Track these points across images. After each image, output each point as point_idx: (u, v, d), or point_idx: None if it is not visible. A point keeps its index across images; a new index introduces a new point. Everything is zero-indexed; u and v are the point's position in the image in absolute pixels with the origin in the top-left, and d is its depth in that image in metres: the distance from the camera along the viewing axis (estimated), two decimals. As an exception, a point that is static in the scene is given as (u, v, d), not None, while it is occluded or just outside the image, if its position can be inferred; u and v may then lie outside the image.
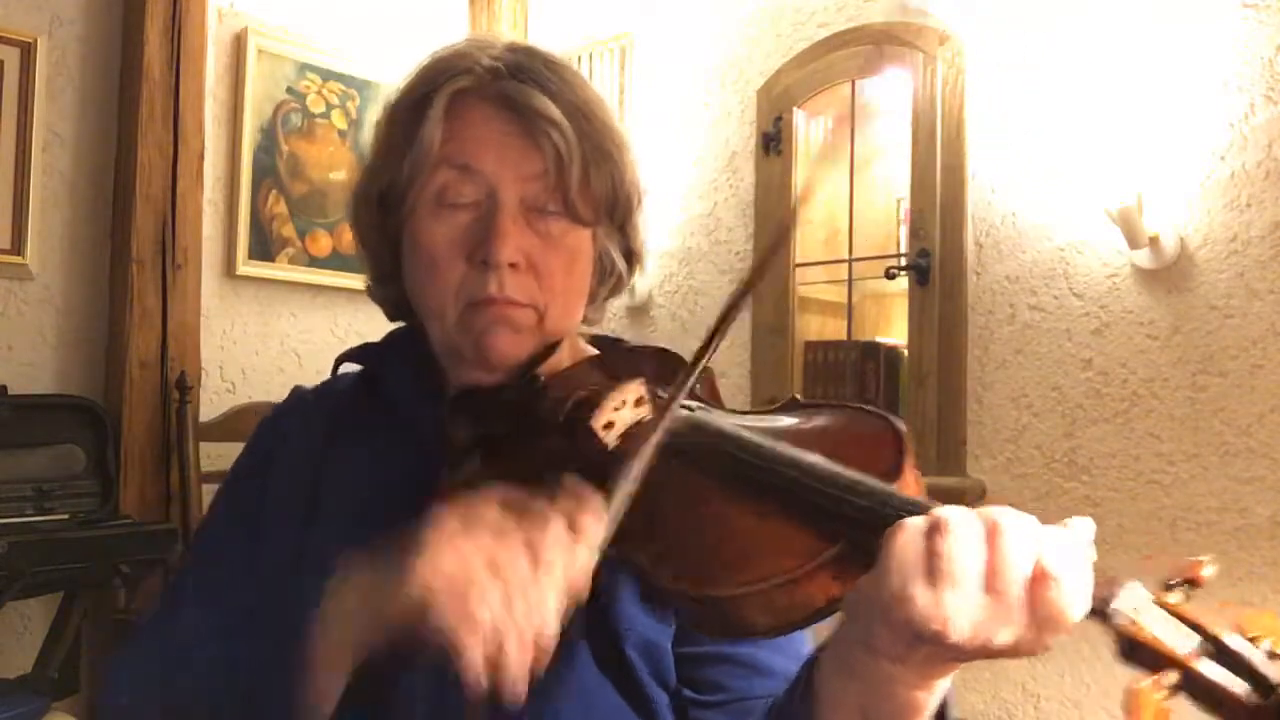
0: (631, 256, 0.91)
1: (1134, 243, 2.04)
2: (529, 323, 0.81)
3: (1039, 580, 0.50)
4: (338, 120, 2.88)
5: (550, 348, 0.84)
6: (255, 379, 2.73)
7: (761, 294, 2.72)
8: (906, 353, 2.50)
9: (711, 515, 0.62)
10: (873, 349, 2.62)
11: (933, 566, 0.50)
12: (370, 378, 0.92)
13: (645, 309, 2.99)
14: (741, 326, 2.76)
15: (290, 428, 0.91)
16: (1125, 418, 2.10)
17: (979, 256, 2.34)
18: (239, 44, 2.69)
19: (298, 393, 0.96)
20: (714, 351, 0.68)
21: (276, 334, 2.79)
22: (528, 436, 0.76)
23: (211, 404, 2.59)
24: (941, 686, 0.57)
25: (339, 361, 0.93)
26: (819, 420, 0.70)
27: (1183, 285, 2.05)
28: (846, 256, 2.65)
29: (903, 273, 2.43)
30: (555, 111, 0.80)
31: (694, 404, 0.74)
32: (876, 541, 0.53)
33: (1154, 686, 0.49)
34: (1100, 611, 0.52)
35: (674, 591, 0.59)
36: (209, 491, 2.40)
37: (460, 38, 0.92)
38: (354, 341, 3.27)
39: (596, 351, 0.90)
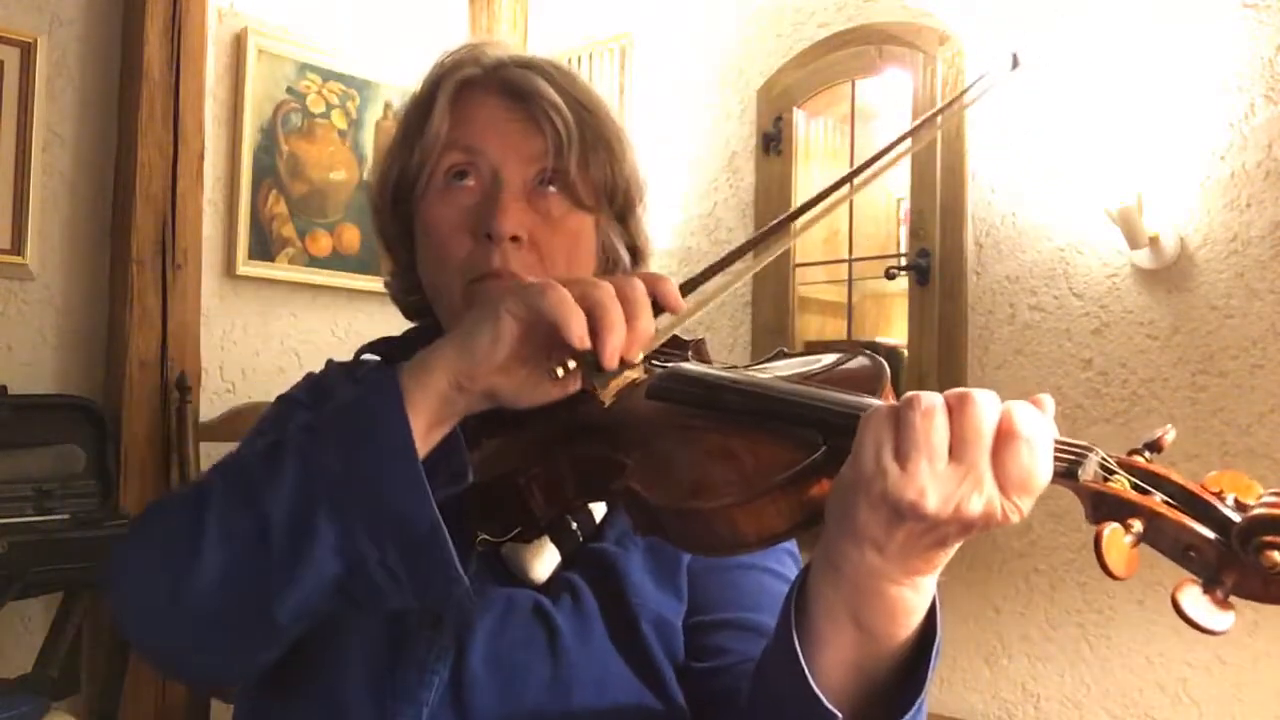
0: (636, 252, 0.94)
1: (1134, 243, 2.04)
2: None
3: (1004, 440, 0.52)
4: (338, 120, 2.87)
5: None
6: (255, 379, 2.73)
7: (761, 294, 2.72)
8: (906, 353, 2.50)
9: (698, 441, 0.66)
10: (873, 349, 2.62)
11: (902, 439, 0.52)
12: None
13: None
14: (742, 326, 2.76)
15: (303, 400, 0.94)
16: (1125, 418, 2.10)
17: (979, 256, 2.34)
18: (239, 44, 2.69)
19: (309, 376, 0.99)
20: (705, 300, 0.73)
21: (276, 334, 2.78)
22: (521, 415, 0.79)
23: (211, 404, 2.59)
24: (927, 589, 0.58)
25: (360, 353, 0.96)
26: (806, 363, 0.75)
27: (1183, 285, 2.05)
28: (846, 256, 2.65)
29: (903, 273, 2.43)
30: (556, 97, 0.85)
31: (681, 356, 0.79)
32: (853, 443, 0.55)
33: (1123, 530, 0.50)
34: (1069, 473, 0.53)
35: (665, 509, 0.61)
36: (209, 491, 2.39)
37: (463, 37, 0.95)
38: (354, 341, 3.28)
39: None
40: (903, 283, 2.47)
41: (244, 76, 2.68)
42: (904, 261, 2.45)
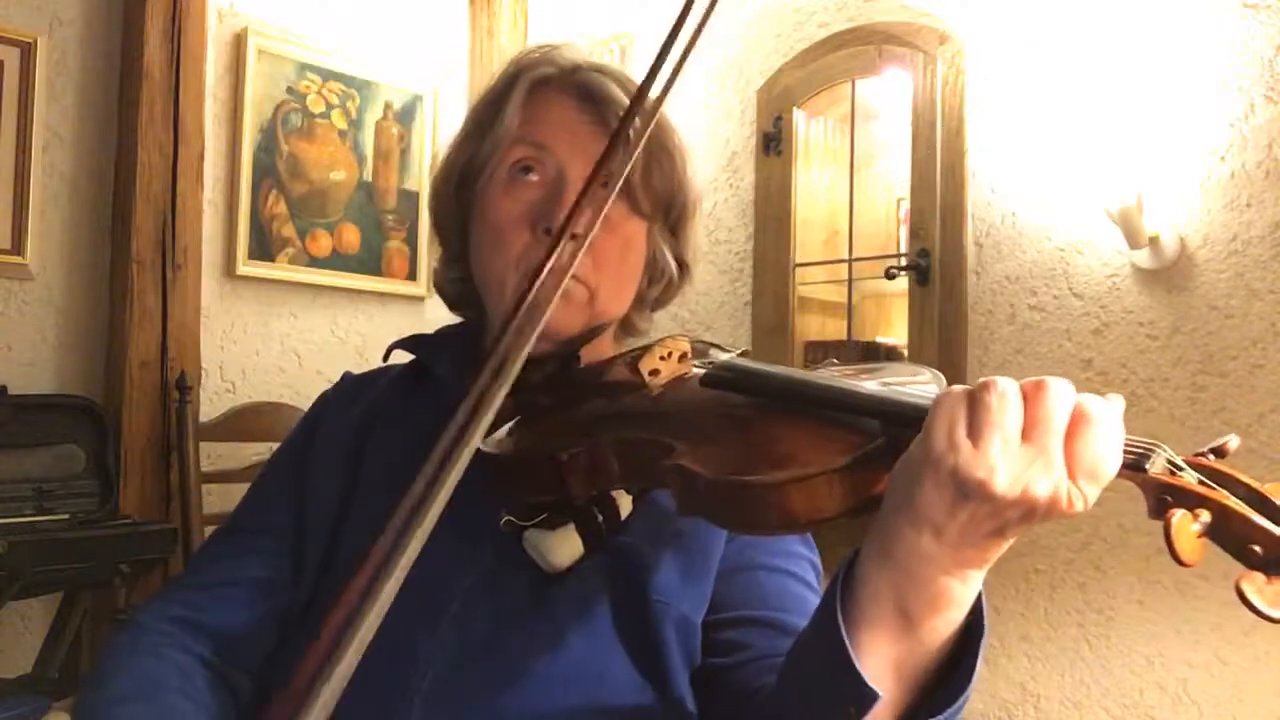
0: (682, 265, 0.97)
1: (1134, 243, 2.04)
2: (582, 298, 0.86)
3: (1078, 424, 0.53)
4: (338, 120, 2.87)
5: (596, 329, 0.89)
6: (255, 379, 2.73)
7: (762, 294, 2.72)
8: (906, 353, 2.50)
9: (754, 423, 0.67)
10: (873, 349, 2.62)
11: (976, 416, 0.52)
12: (419, 368, 0.95)
13: (645, 309, 2.99)
14: (742, 327, 2.76)
15: (333, 406, 0.97)
16: (1125, 417, 2.10)
17: (979, 256, 2.34)
18: (239, 44, 2.69)
19: (346, 377, 1.02)
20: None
21: (276, 334, 2.78)
22: (564, 406, 0.80)
23: (211, 404, 2.59)
24: (975, 584, 0.58)
25: (390, 349, 0.97)
26: (860, 369, 0.75)
27: (1183, 285, 2.05)
28: (846, 256, 2.65)
29: (903, 273, 2.43)
30: (627, 103, 0.86)
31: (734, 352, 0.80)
32: (924, 423, 0.55)
33: (1191, 518, 0.51)
34: (1138, 465, 0.55)
35: (717, 484, 0.61)
36: (209, 491, 2.40)
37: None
38: (355, 341, 3.29)
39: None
40: (903, 283, 2.46)
41: (244, 76, 2.68)
42: (904, 261, 2.45)
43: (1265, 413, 1.93)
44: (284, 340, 2.80)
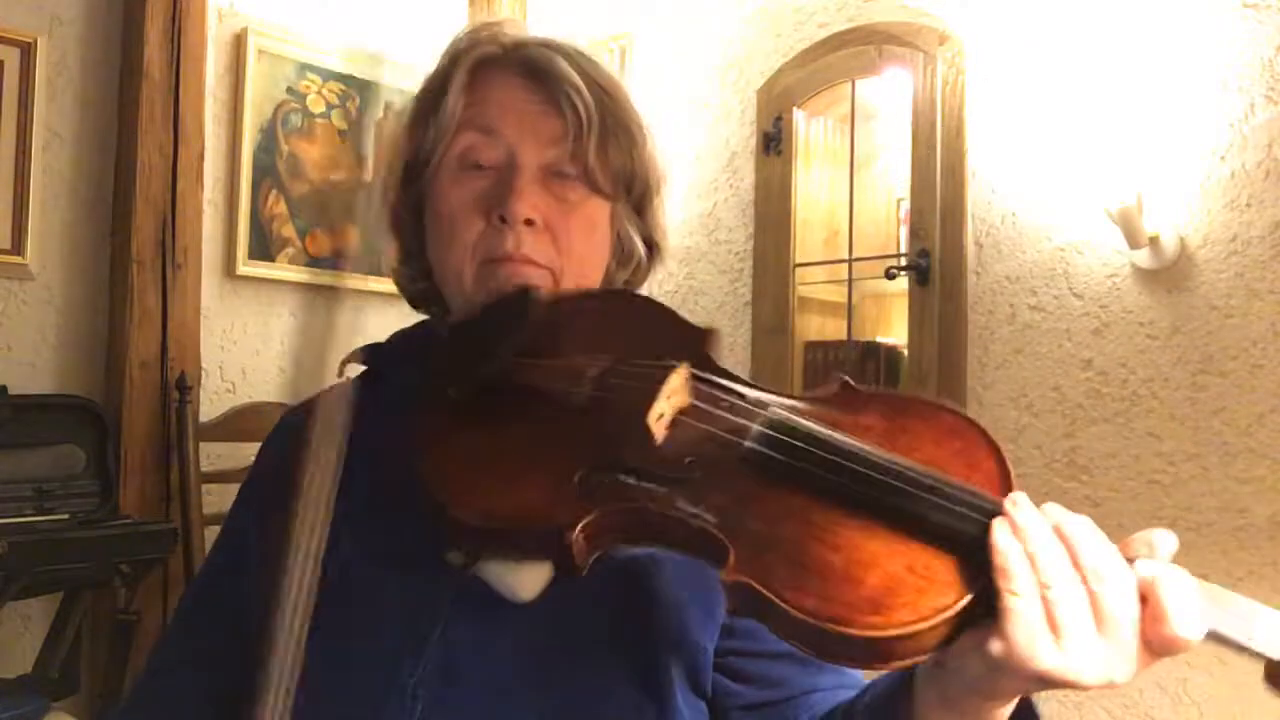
0: (652, 245, 0.91)
1: (1134, 243, 2.04)
2: (544, 284, 0.81)
3: (1150, 611, 0.52)
4: (338, 120, 2.87)
5: None
6: (255, 379, 2.73)
7: (761, 294, 2.72)
8: (906, 353, 2.50)
9: (823, 527, 0.55)
10: (873, 349, 2.62)
11: (1055, 625, 0.52)
12: (373, 377, 0.90)
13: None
14: (742, 326, 2.76)
15: (281, 451, 0.88)
16: (1125, 418, 2.10)
17: (979, 256, 2.34)
18: (239, 44, 2.69)
19: (286, 420, 0.95)
20: None
21: (276, 334, 2.78)
22: (534, 398, 0.69)
23: (211, 404, 2.59)
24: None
25: (344, 364, 0.93)
26: (900, 421, 0.62)
27: (1183, 285, 2.05)
28: (846, 256, 2.65)
29: (903, 273, 2.43)
30: (577, 78, 0.81)
31: (770, 400, 0.64)
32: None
33: None
34: (1233, 644, 0.52)
35: (803, 624, 0.53)
36: (209, 491, 2.40)
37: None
38: (355, 342, 3.26)
39: None
40: (903, 283, 2.46)
41: (244, 76, 2.68)
42: (904, 261, 2.45)
43: (1265, 413, 1.93)
44: (284, 340, 2.80)
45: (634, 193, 0.87)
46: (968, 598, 0.52)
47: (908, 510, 0.54)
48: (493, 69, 0.84)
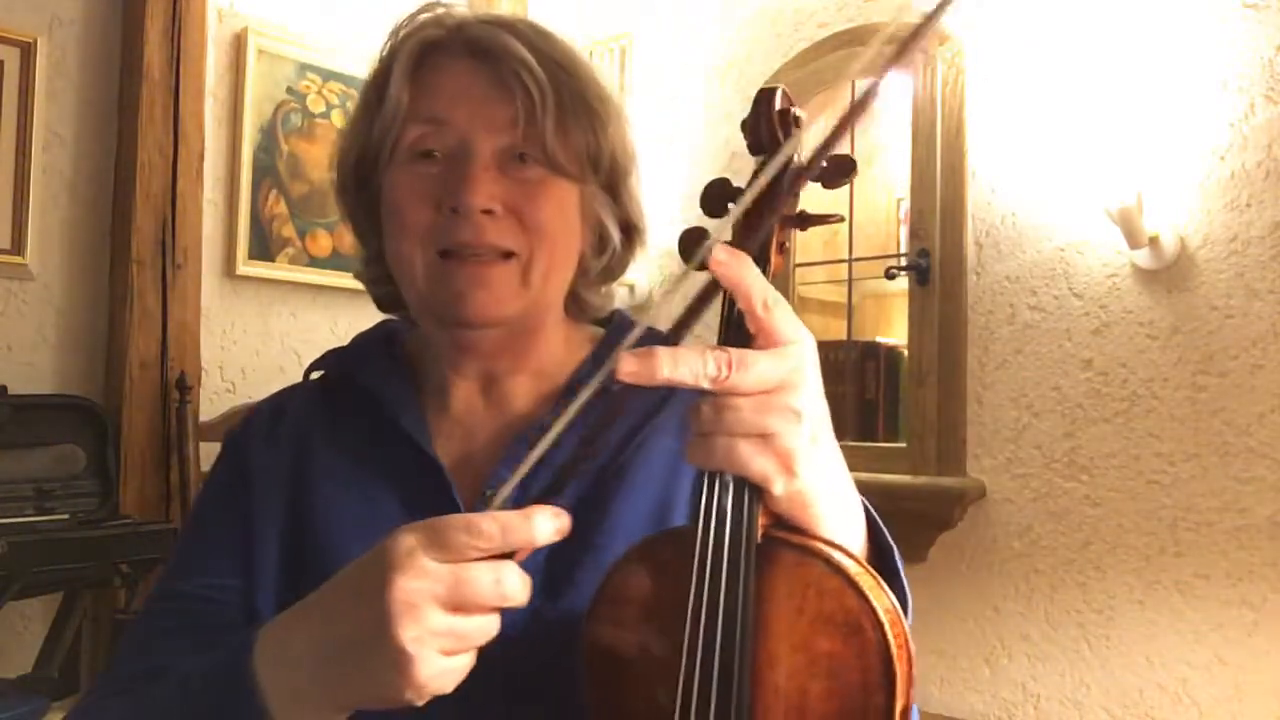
0: (630, 230, 0.86)
1: (1134, 243, 2.04)
2: (510, 279, 0.77)
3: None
4: (338, 120, 2.87)
5: (537, 309, 0.80)
6: (255, 379, 2.73)
7: (761, 294, 2.72)
8: (906, 353, 2.50)
9: None
10: (873, 349, 2.62)
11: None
12: (341, 381, 0.87)
13: (645, 308, 2.99)
14: (741, 326, 2.76)
15: (257, 442, 0.86)
16: (1125, 418, 2.10)
17: (979, 256, 2.34)
18: (239, 44, 2.69)
19: (259, 409, 0.92)
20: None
21: (276, 334, 2.78)
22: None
23: (211, 404, 2.59)
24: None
25: (309, 370, 0.90)
26: None
27: (1183, 285, 2.05)
28: (846, 256, 2.65)
29: (903, 273, 2.43)
30: (526, 54, 0.76)
31: None
32: None
33: None
34: None
35: None
36: (209, 491, 2.39)
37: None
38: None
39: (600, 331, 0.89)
40: (903, 283, 2.47)
41: (244, 76, 2.68)
42: (904, 261, 2.45)
43: (1265, 413, 1.93)
44: (284, 340, 2.80)
45: (602, 173, 0.82)
46: None
47: None
48: (438, 54, 0.78)
